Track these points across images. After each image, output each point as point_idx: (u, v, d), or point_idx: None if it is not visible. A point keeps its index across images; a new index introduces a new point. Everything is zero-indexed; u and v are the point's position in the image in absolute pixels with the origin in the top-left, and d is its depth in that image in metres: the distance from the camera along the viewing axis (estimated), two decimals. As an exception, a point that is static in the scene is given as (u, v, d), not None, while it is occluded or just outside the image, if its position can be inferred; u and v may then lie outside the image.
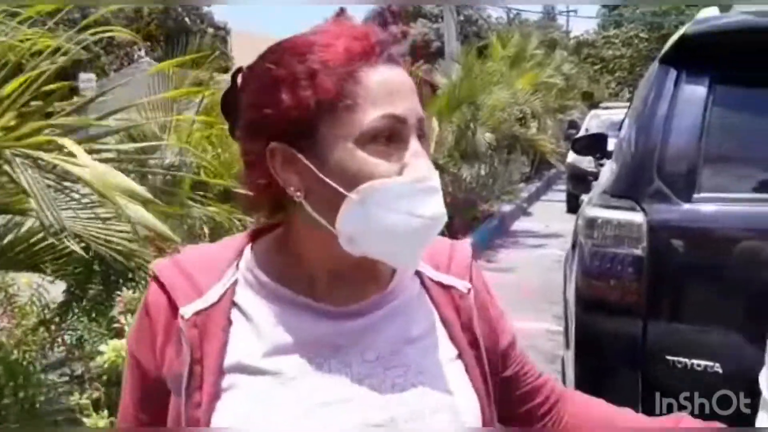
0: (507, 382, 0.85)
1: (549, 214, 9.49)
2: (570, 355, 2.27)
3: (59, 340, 2.32)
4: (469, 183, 7.96)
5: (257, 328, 0.74)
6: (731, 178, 1.96)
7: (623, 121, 3.16)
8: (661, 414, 1.95)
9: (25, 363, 2.09)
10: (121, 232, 1.77)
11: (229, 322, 0.74)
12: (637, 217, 1.94)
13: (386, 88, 0.71)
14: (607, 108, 11.82)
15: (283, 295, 0.75)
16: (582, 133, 9.47)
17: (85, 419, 2.01)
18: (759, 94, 2.03)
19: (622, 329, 1.98)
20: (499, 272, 6.85)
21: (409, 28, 33.65)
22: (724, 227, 1.88)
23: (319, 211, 0.72)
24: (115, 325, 2.18)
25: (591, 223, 2.06)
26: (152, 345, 0.76)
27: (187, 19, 22.61)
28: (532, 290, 5.64)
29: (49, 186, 1.50)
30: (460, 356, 0.79)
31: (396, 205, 0.69)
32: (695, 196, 1.91)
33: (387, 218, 0.70)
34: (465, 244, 0.88)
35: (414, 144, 0.71)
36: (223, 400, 0.72)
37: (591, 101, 17.89)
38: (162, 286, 0.76)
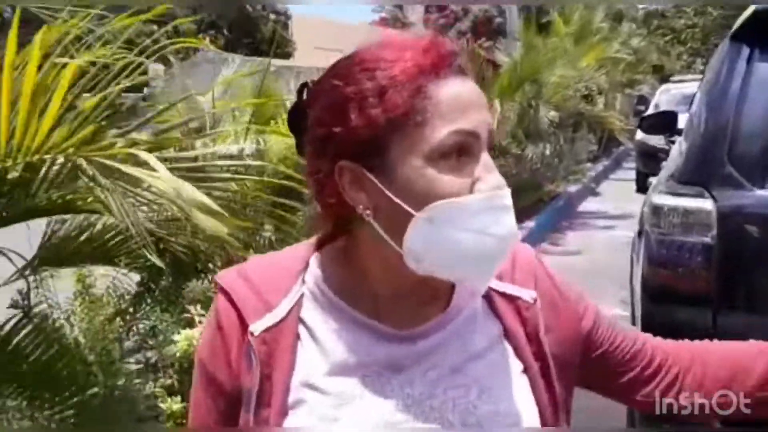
0: (599, 360, 0.83)
1: (618, 194, 9.21)
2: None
3: (134, 329, 2.43)
4: (533, 163, 7.81)
5: (322, 345, 0.75)
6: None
7: (695, 95, 3.03)
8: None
9: (104, 351, 2.20)
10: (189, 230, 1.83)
11: (297, 338, 0.75)
12: (707, 204, 1.86)
13: (457, 102, 0.69)
14: (678, 81, 11.30)
15: (347, 312, 0.75)
16: (651, 108, 9.13)
17: (161, 404, 2.11)
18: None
19: (690, 320, 1.92)
20: (565, 255, 6.71)
21: (470, 5, 33.07)
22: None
23: (387, 229, 0.70)
24: (185, 315, 2.26)
25: (657, 210, 1.99)
26: (227, 357, 0.76)
27: (248, 6, 22.93)
28: (600, 273, 5.51)
29: (124, 189, 1.56)
30: (525, 371, 0.77)
31: (467, 224, 0.68)
32: (769, 181, 1.82)
33: (457, 237, 0.68)
34: (527, 249, 0.84)
35: (485, 158, 0.69)
36: (290, 418, 0.73)
37: (662, 74, 17.16)
38: (231, 301, 0.76)
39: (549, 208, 8.04)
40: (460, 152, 0.68)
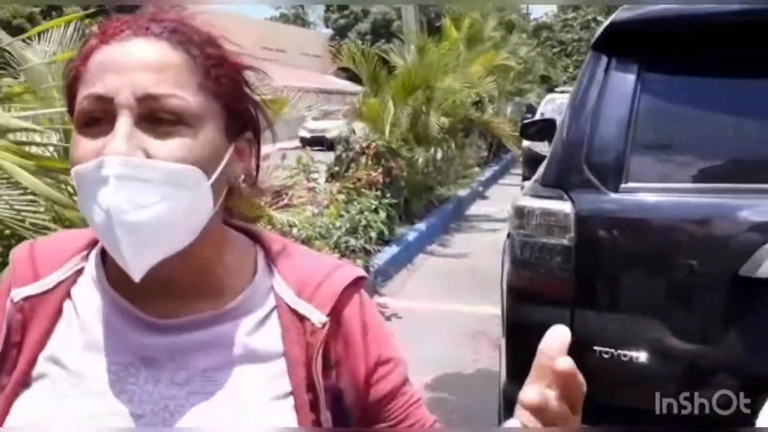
0: (374, 420, 0.76)
1: (505, 199, 9.53)
2: (503, 344, 2.26)
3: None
4: (424, 167, 7.93)
5: (82, 324, 0.71)
6: (659, 167, 1.95)
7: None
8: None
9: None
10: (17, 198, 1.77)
11: (60, 312, 0.72)
12: (565, 207, 1.92)
13: (99, 66, 0.65)
14: (562, 92, 11.91)
15: (110, 294, 0.72)
16: (538, 117, 9.53)
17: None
18: (687, 82, 2.02)
19: (550, 319, 1.96)
20: (453, 257, 6.89)
21: (370, 7, 33.35)
22: (651, 217, 1.88)
23: None
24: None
25: (520, 212, 2.04)
26: None
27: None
28: (485, 275, 5.67)
29: None
30: (292, 394, 0.71)
31: (85, 194, 0.64)
32: (623, 185, 1.90)
33: (84, 208, 0.65)
34: (347, 272, 0.76)
35: (120, 124, 0.63)
36: (30, 390, 0.69)
37: (549, 84, 18.01)
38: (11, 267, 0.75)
39: (439, 211, 8.21)
40: (101, 119, 0.64)
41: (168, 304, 0.71)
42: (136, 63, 0.65)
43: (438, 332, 4.69)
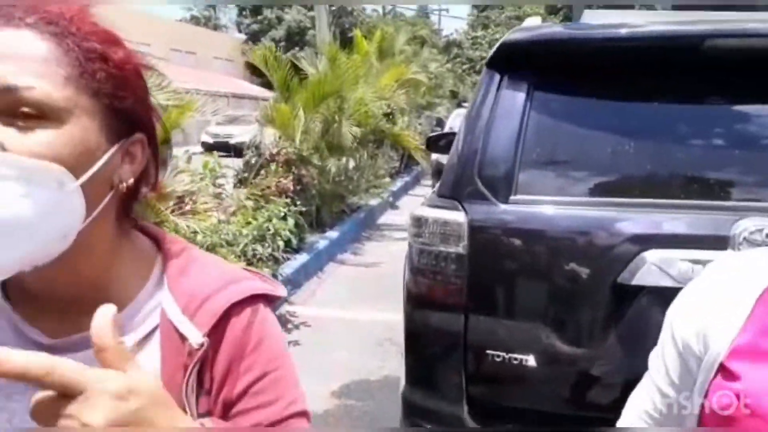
0: None
1: (415, 209, 9.73)
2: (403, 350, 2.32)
3: None
4: (335, 176, 7.95)
5: None
6: (546, 181, 2.06)
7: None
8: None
9: None
10: None
11: None
12: (459, 217, 2.01)
13: None
14: (470, 106, 12.24)
15: (6, 310, 0.70)
16: (447, 130, 9.77)
17: None
18: (574, 101, 2.16)
19: (445, 325, 2.05)
20: (364, 266, 6.94)
21: (284, 14, 33.12)
22: (539, 227, 1.98)
23: None
24: None
25: (418, 221, 2.11)
26: None
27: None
28: (395, 282, 5.72)
29: None
30: None
31: None
32: (512, 197, 2.00)
33: None
34: (241, 288, 0.73)
35: None
36: None
37: (458, 99, 18.51)
38: None
39: (350, 220, 8.26)
40: None
41: (57, 322, 0.69)
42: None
43: (346, 340, 4.72)
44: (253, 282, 0.75)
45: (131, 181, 0.70)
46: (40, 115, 0.62)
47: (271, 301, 0.77)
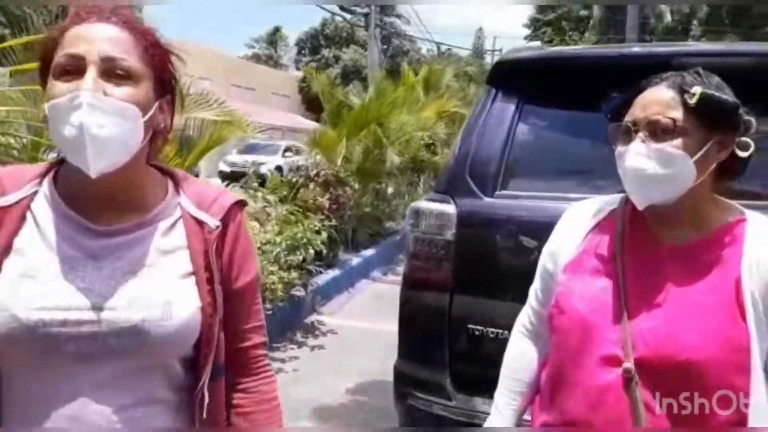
0: (226, 315, 1.09)
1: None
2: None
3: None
4: (373, 199, 8.32)
5: (40, 229, 1.02)
6: (527, 179, 2.34)
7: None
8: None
9: None
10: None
11: (23, 219, 1.03)
12: (449, 209, 2.31)
13: (75, 36, 0.98)
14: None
15: (62, 208, 1.04)
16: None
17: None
18: (558, 114, 2.45)
19: (434, 302, 2.33)
20: (396, 285, 7.15)
21: (342, 53, 34.25)
22: (516, 217, 2.26)
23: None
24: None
25: (416, 213, 2.41)
26: None
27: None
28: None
29: None
30: (194, 274, 1.04)
31: (61, 118, 0.94)
32: (497, 193, 2.29)
33: (55, 129, 0.96)
34: (232, 195, 1.14)
35: (90, 74, 0.95)
36: (2, 273, 0.99)
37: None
38: None
39: (386, 242, 8.57)
40: (73, 71, 0.96)
41: (104, 215, 1.04)
42: (101, 37, 0.98)
43: (368, 347, 4.99)
44: (235, 193, 1.17)
45: (162, 125, 1.08)
46: (126, 76, 0.98)
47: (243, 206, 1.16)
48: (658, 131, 1.21)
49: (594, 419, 1.24)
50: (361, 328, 5.58)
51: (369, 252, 7.82)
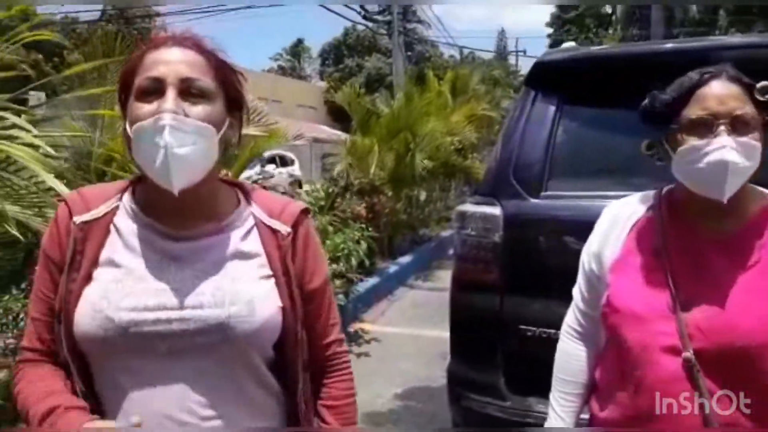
0: (304, 316, 1.15)
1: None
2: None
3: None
4: (407, 206, 8.36)
5: (124, 239, 1.10)
6: (571, 179, 2.37)
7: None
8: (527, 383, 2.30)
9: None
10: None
11: (108, 232, 1.11)
12: (496, 211, 2.34)
13: (153, 60, 1.06)
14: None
15: (143, 219, 1.11)
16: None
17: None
18: (596, 112, 2.46)
19: (483, 303, 2.37)
20: (434, 291, 7.23)
21: (365, 62, 34.45)
22: (562, 217, 2.28)
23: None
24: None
25: (461, 216, 2.45)
26: (58, 239, 1.11)
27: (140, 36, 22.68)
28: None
29: None
30: (273, 276, 1.11)
31: (145, 138, 1.01)
32: (542, 194, 2.32)
33: (140, 148, 1.03)
34: (299, 204, 1.21)
35: (169, 95, 1.02)
36: (94, 281, 1.07)
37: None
38: (66, 204, 1.13)
39: (421, 249, 8.61)
40: (153, 92, 1.03)
41: (181, 224, 1.11)
42: (178, 59, 1.06)
43: (412, 353, 5.03)
44: (300, 202, 1.24)
45: (234, 140, 1.15)
46: (202, 95, 1.05)
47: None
48: (738, 125, 1.22)
49: (660, 411, 1.26)
50: (403, 334, 5.62)
51: (405, 259, 7.86)
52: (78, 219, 1.09)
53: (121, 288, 1.05)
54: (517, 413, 2.33)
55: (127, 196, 1.14)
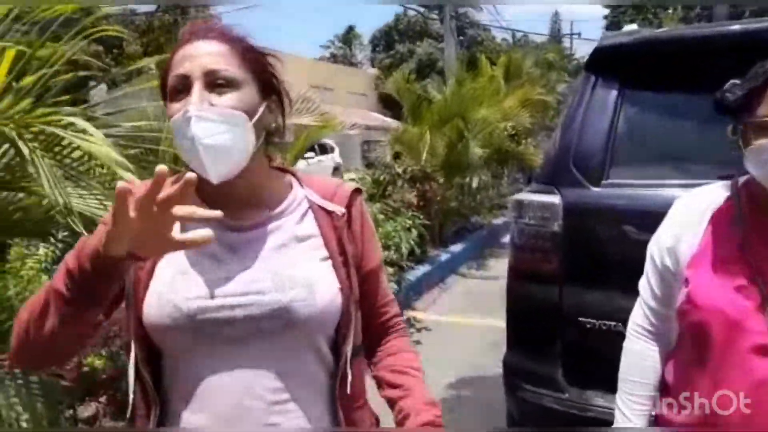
0: (362, 296, 1.16)
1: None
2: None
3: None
4: (459, 194, 8.29)
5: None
6: (633, 167, 2.29)
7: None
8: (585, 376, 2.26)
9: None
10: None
11: None
12: (555, 199, 2.29)
13: (181, 57, 1.06)
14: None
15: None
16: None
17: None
18: (659, 97, 2.38)
19: (542, 294, 2.32)
20: (486, 279, 7.18)
21: (416, 47, 34.23)
22: (625, 206, 2.21)
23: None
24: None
25: (519, 205, 2.41)
26: None
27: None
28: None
29: (54, 161, 1.79)
30: (330, 258, 1.11)
31: (178, 134, 1.02)
32: (603, 182, 2.26)
33: (179, 144, 1.03)
34: (351, 185, 1.21)
35: (195, 89, 1.02)
36: (159, 271, 1.08)
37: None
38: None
39: (473, 237, 8.54)
40: (182, 90, 1.04)
41: (236, 214, 1.11)
42: (201, 53, 1.05)
43: (464, 341, 5.00)
44: (352, 182, 1.24)
45: (273, 125, 1.14)
46: (228, 84, 1.04)
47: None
48: None
49: (752, 412, 1.20)
50: (455, 323, 5.60)
51: (457, 247, 7.81)
52: None
53: (186, 279, 1.07)
54: (575, 406, 2.29)
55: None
